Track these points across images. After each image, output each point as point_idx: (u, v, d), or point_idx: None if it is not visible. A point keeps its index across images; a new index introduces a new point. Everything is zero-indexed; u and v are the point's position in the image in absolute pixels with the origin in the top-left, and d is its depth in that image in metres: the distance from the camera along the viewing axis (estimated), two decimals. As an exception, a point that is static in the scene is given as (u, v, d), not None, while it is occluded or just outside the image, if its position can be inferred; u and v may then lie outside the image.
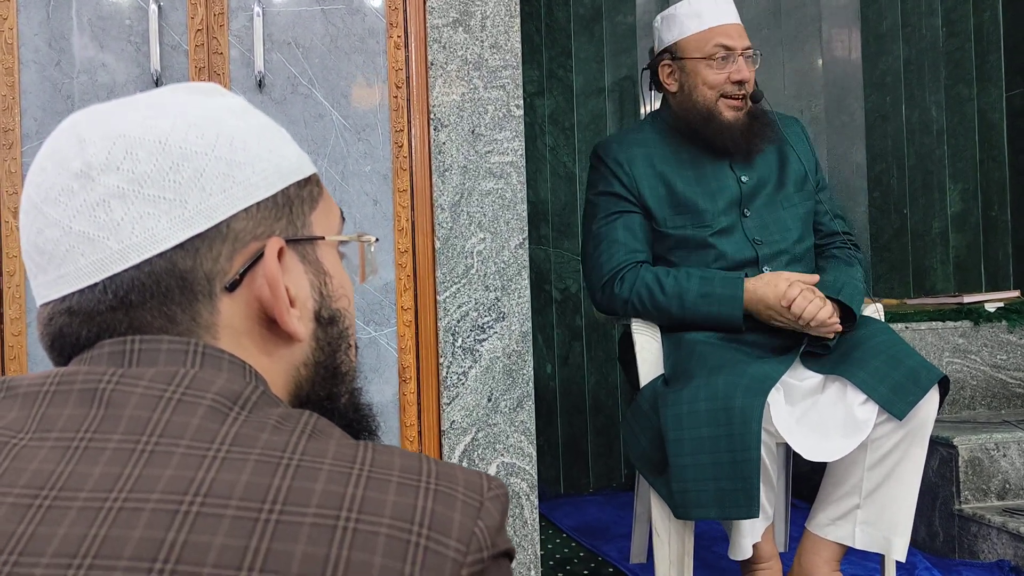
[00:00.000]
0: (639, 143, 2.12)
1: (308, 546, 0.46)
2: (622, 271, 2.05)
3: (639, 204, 2.07)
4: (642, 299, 2.01)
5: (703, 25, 2.06)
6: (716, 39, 2.05)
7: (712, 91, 2.05)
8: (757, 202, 2.08)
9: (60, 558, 0.46)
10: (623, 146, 2.11)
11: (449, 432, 1.90)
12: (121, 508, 0.47)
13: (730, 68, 2.04)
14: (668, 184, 2.07)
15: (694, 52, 2.06)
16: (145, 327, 0.56)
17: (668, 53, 2.12)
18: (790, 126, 2.19)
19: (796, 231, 2.09)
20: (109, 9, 1.84)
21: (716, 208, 2.05)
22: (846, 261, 2.11)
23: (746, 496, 1.73)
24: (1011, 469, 2.47)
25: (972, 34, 3.65)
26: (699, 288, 1.96)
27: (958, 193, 3.65)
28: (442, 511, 0.50)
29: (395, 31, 1.90)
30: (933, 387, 1.81)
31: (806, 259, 2.11)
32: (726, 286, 1.95)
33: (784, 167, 2.14)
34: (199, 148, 0.57)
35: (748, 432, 1.73)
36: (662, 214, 2.06)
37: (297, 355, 0.62)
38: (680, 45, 2.09)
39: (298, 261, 0.61)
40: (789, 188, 2.12)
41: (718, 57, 2.04)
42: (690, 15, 2.07)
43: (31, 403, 0.53)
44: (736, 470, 1.73)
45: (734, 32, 2.06)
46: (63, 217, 0.56)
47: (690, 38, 2.07)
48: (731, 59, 2.04)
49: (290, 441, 0.51)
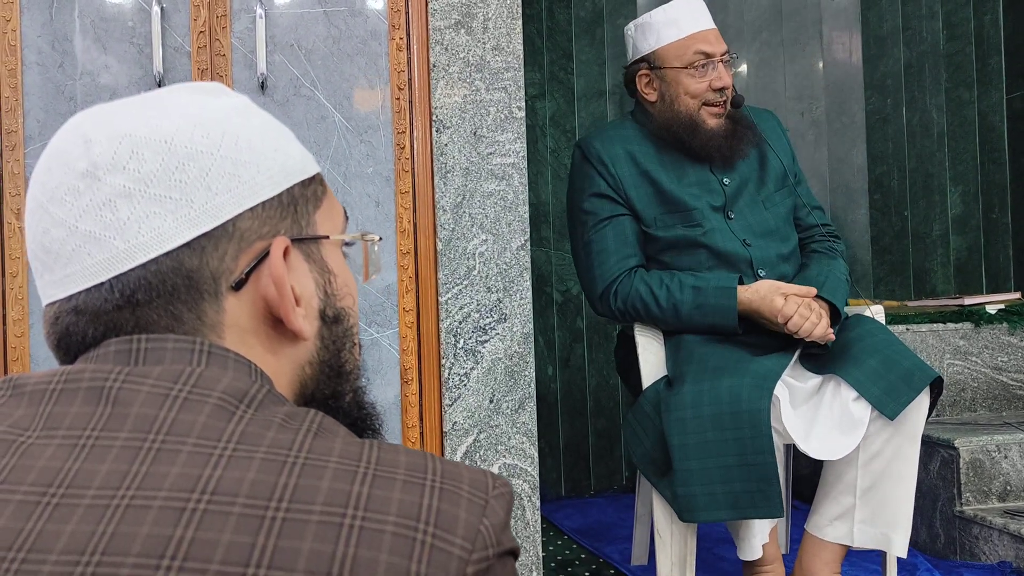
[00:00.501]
0: (622, 140, 2.10)
1: (314, 543, 0.46)
2: (615, 283, 2.03)
3: (626, 205, 2.06)
4: (637, 311, 2.01)
5: (681, 33, 2.03)
6: (695, 46, 2.02)
7: (694, 100, 2.03)
8: (740, 203, 2.08)
9: (68, 555, 0.46)
10: (606, 144, 2.09)
11: (451, 433, 1.90)
12: (128, 505, 0.47)
13: (711, 76, 2.02)
14: (654, 182, 2.05)
15: (674, 61, 2.04)
16: (151, 326, 0.56)
17: (646, 62, 2.09)
18: (765, 120, 2.17)
19: (780, 231, 2.09)
20: (112, 11, 1.84)
21: (704, 207, 2.04)
22: (828, 255, 2.11)
23: (765, 497, 1.74)
24: (1012, 471, 2.47)
25: (973, 37, 3.66)
26: (693, 300, 1.95)
27: (959, 195, 3.66)
28: (448, 509, 0.50)
29: (397, 33, 1.90)
30: (925, 388, 1.82)
31: (793, 258, 2.11)
32: (719, 296, 1.94)
33: (764, 165, 2.13)
34: (204, 148, 0.57)
35: (760, 435, 1.73)
36: (652, 214, 2.04)
37: (302, 354, 0.62)
38: (658, 54, 2.06)
39: (303, 260, 0.62)
40: (770, 186, 2.11)
41: (698, 65, 2.02)
42: (667, 23, 2.05)
43: (38, 401, 0.53)
44: (751, 472, 1.74)
45: (712, 38, 2.04)
46: (69, 217, 0.56)
47: (669, 47, 2.04)
48: (711, 66, 2.02)
49: (296, 439, 0.51)
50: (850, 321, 2.01)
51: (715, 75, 2.02)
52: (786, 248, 2.09)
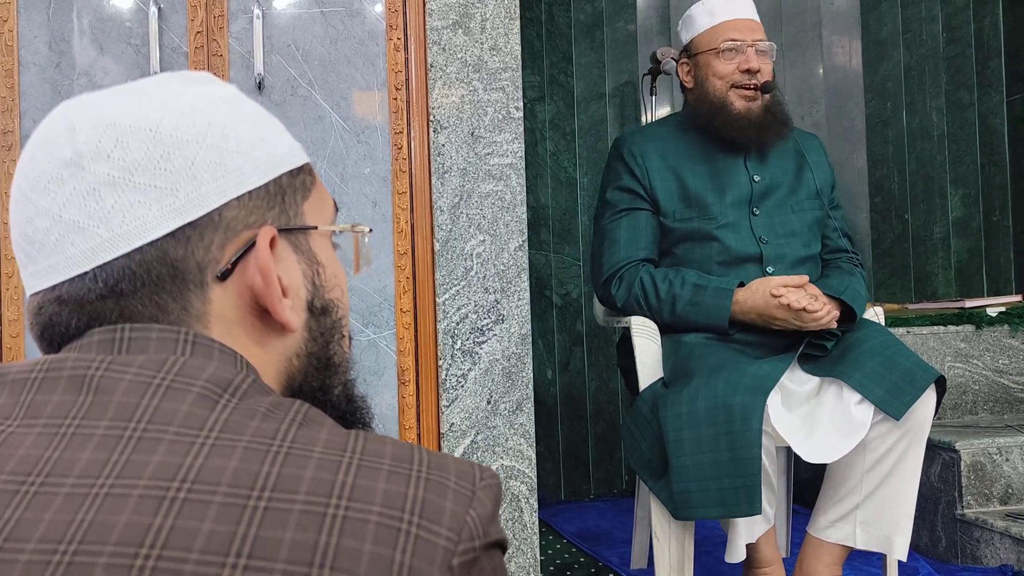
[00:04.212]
0: (656, 137, 2.17)
1: (297, 533, 0.46)
2: (621, 271, 2.08)
3: (649, 198, 2.10)
4: (637, 300, 2.05)
5: (715, 21, 2.11)
6: (726, 32, 2.09)
7: (722, 81, 2.08)
8: (768, 202, 2.11)
9: (46, 543, 0.45)
10: (639, 140, 2.16)
11: (448, 435, 1.89)
12: (108, 494, 0.46)
13: (739, 59, 2.07)
14: (679, 178, 2.10)
15: (705, 46, 2.11)
16: (136, 316, 0.56)
17: (685, 52, 2.19)
18: (810, 141, 2.23)
19: (803, 235, 2.11)
20: (109, 11, 1.84)
21: (723, 203, 2.08)
22: (848, 271, 2.14)
23: (747, 493, 1.73)
24: (1014, 474, 2.46)
25: (973, 39, 3.65)
26: (690, 296, 1.99)
27: (959, 198, 3.65)
28: (433, 499, 0.49)
29: (394, 33, 1.90)
30: (930, 387, 1.81)
31: (809, 264, 2.11)
32: (716, 296, 1.97)
33: (800, 177, 2.17)
34: (190, 136, 0.57)
35: (748, 430, 1.73)
36: (671, 207, 2.09)
37: (290, 345, 0.61)
38: (694, 42, 2.15)
39: (291, 251, 0.61)
40: (801, 195, 2.15)
41: (727, 49, 2.07)
42: (703, 13, 2.13)
43: (19, 390, 0.52)
44: (737, 468, 1.73)
45: (744, 26, 2.10)
46: (53, 206, 0.55)
47: (703, 34, 2.12)
48: (740, 50, 2.07)
49: (280, 428, 0.50)
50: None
51: (743, 58, 2.06)
52: (806, 252, 2.11)
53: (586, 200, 3.33)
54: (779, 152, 2.15)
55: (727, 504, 1.76)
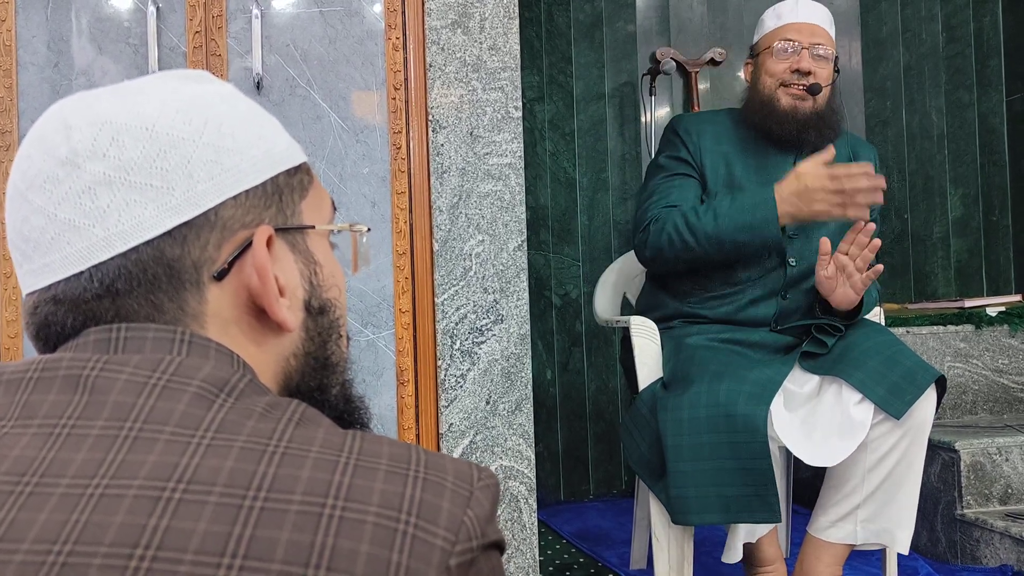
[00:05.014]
0: (713, 122, 2.19)
1: (293, 533, 0.45)
2: (659, 217, 2.05)
3: (698, 172, 2.12)
4: (677, 228, 2.00)
5: (778, 23, 2.15)
6: (785, 33, 2.12)
7: (772, 79, 2.10)
8: None
9: (40, 544, 0.45)
10: (696, 121, 2.20)
11: (447, 435, 1.89)
12: (103, 494, 0.46)
13: (792, 59, 2.09)
14: (728, 164, 2.11)
15: (764, 46, 2.15)
16: (131, 315, 0.55)
17: (750, 51, 2.24)
18: (865, 151, 2.23)
19: (836, 239, 2.09)
20: (108, 11, 1.84)
21: None
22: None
23: (763, 502, 1.74)
24: (1013, 474, 2.46)
25: (972, 39, 3.65)
26: (729, 203, 1.97)
27: (959, 198, 3.65)
28: (430, 500, 0.49)
29: (393, 33, 1.90)
30: (930, 387, 1.81)
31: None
32: (755, 194, 1.97)
33: None
34: (186, 134, 0.56)
35: (755, 441, 1.73)
36: (715, 188, 2.10)
37: (287, 345, 0.61)
38: (759, 42, 2.20)
39: (288, 250, 0.60)
40: None
41: (781, 48, 2.10)
42: (772, 16, 2.18)
43: (14, 390, 0.52)
44: (746, 477, 1.74)
45: (805, 28, 2.11)
46: (48, 204, 0.55)
47: (767, 35, 2.16)
48: (796, 51, 2.09)
49: (277, 428, 0.50)
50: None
51: (796, 59, 2.08)
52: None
53: (585, 200, 3.33)
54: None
55: (732, 511, 1.76)
